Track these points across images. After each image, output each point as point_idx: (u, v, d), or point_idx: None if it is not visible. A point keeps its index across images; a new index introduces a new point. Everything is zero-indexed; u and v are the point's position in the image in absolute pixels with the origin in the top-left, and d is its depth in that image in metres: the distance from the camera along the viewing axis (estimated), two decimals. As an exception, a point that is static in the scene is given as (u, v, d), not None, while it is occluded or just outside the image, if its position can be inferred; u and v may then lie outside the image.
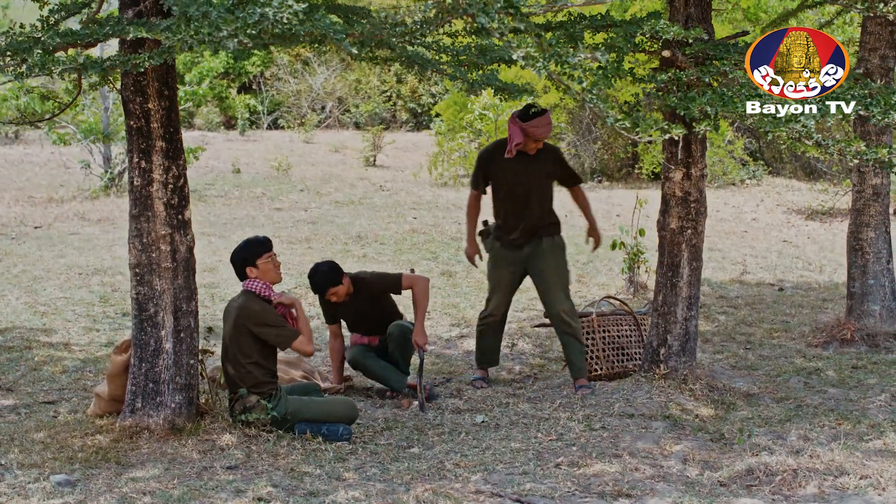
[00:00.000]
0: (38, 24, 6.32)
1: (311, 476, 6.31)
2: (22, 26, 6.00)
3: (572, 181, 8.81)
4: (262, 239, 7.31)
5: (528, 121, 8.27)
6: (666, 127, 6.32)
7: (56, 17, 6.41)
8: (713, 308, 11.44)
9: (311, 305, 10.85)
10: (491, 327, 8.74)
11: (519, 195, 8.55)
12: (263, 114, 34.10)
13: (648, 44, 7.63)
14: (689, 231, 8.08)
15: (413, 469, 6.48)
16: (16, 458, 6.42)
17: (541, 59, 5.14)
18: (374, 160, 26.81)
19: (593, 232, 8.90)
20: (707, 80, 7.15)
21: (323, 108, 35.80)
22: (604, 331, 8.69)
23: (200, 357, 7.22)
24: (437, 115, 26.40)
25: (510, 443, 7.03)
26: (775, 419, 7.53)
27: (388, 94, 35.84)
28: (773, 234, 17.30)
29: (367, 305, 8.47)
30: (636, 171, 23.37)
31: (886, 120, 6.52)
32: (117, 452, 6.58)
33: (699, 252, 8.16)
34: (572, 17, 7.31)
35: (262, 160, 25.25)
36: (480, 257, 8.72)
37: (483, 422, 7.59)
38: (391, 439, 7.20)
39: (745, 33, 8.15)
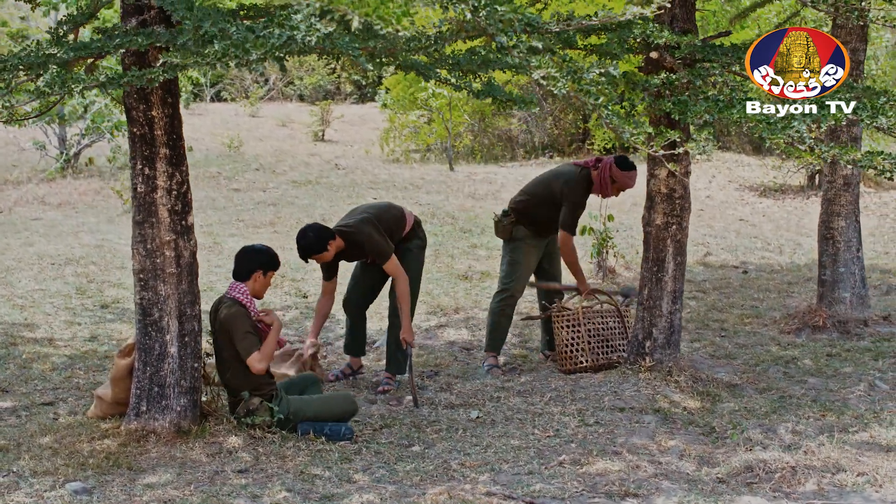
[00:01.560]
0: (49, 35, 6.35)
1: (322, 479, 6.42)
2: (39, 43, 6.01)
3: None
4: (276, 256, 7.44)
5: (626, 170, 8.82)
6: (679, 140, 6.46)
7: (65, 28, 6.43)
8: (683, 293, 11.65)
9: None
10: (511, 309, 9.17)
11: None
12: (206, 86, 33.92)
13: (636, 44, 7.75)
14: (674, 227, 8.27)
15: (420, 470, 6.61)
16: (27, 465, 6.47)
17: (561, 79, 5.27)
18: (323, 135, 26.82)
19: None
20: (698, 83, 7.29)
21: (266, 80, 35.66)
22: (588, 322, 8.86)
23: (203, 360, 7.31)
24: (387, 90, 26.41)
25: (509, 440, 7.18)
26: (761, 411, 7.74)
27: (332, 66, 35.76)
28: (728, 212, 17.58)
29: (363, 255, 8.54)
30: (587, 146, 23.57)
31: (875, 124, 6.70)
32: (127, 457, 6.65)
33: (684, 247, 8.36)
34: (562, 20, 7.42)
35: (210, 136, 25.16)
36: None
37: (478, 417, 7.72)
38: (391, 437, 7.32)
39: (728, 33, 8.31)
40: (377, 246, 8.34)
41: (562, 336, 8.81)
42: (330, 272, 8.64)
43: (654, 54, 7.67)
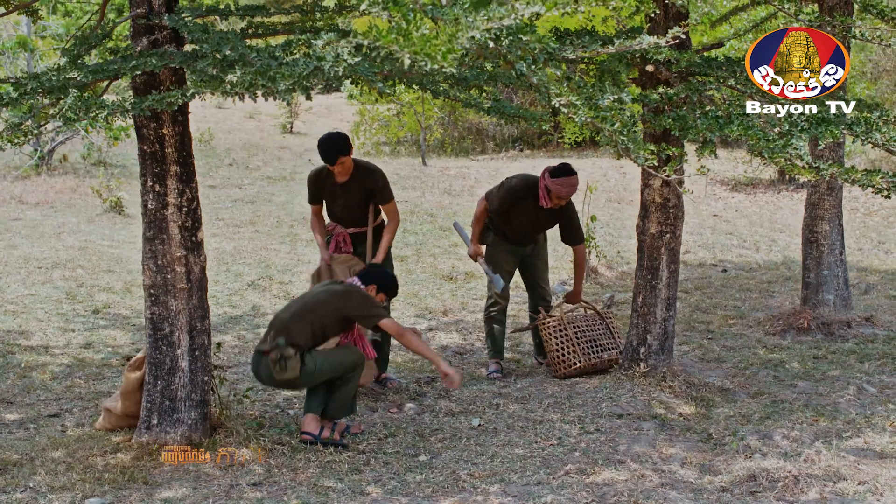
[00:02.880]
0: (64, 57, 6.41)
1: (335, 491, 6.54)
2: (59, 67, 6.08)
3: (575, 240, 9.28)
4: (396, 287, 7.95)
5: (556, 178, 8.80)
6: (689, 159, 6.59)
7: (79, 50, 6.50)
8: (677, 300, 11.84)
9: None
10: (500, 314, 9.31)
11: (533, 230, 9.25)
12: (172, 78, 33.76)
13: (633, 59, 7.87)
14: (668, 235, 8.43)
15: (431, 481, 6.74)
16: (43, 481, 6.55)
17: (582, 108, 5.40)
18: (292, 127, 26.85)
19: (574, 295, 9.44)
20: (695, 98, 7.42)
21: (231, 70, 35.50)
22: (574, 326, 9.02)
23: (214, 374, 7.41)
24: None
25: (514, 449, 7.31)
26: (755, 416, 7.91)
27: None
28: (702, 207, 17.79)
29: (357, 198, 8.66)
30: (557, 139, 23.74)
31: (870, 139, 6.87)
32: (142, 471, 6.74)
33: (677, 255, 8.52)
34: (560, 35, 7.55)
35: (179, 129, 25.10)
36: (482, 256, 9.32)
37: (480, 425, 7.85)
38: (397, 447, 7.43)
39: (721, 45, 8.47)
40: (387, 186, 8.69)
41: (552, 343, 8.98)
42: (319, 196, 8.79)
43: (649, 67, 7.79)
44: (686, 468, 6.95)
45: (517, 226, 9.11)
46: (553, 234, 9.43)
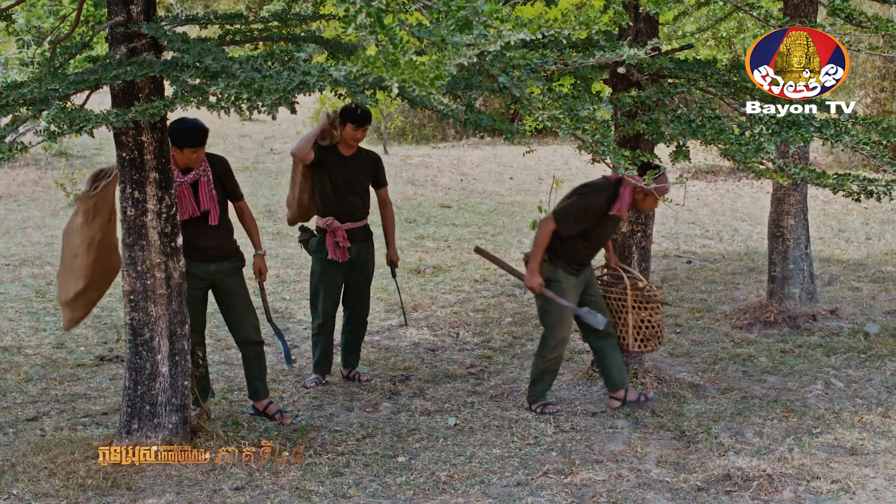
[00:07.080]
0: (44, 66, 6.42)
1: (317, 494, 6.61)
2: (40, 80, 6.08)
3: None
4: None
5: (656, 180, 7.49)
6: (671, 167, 6.69)
7: (60, 59, 6.51)
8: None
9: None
10: (558, 362, 8.28)
11: (602, 242, 8.17)
12: (129, 64, 33.57)
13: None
14: (639, 234, 8.55)
15: (412, 483, 6.81)
16: (27, 488, 6.58)
17: (565, 122, 5.48)
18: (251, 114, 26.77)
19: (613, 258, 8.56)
20: (667, 101, 7.52)
21: (188, 56, 35.35)
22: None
23: (195, 375, 7.46)
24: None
25: (491, 449, 7.40)
26: (727, 413, 8.03)
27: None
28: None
29: (361, 173, 8.79)
30: (517, 127, 23.80)
31: (842, 142, 6.99)
32: (125, 477, 6.78)
33: (648, 253, 8.64)
34: (559, 60, 7.62)
35: (138, 117, 24.97)
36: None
37: (456, 425, 7.93)
38: (375, 448, 7.48)
39: (690, 46, 8.56)
40: (384, 169, 9.04)
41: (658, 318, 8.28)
42: (319, 158, 8.61)
43: (621, 70, 7.90)
44: (661, 467, 7.06)
45: (593, 241, 8.02)
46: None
